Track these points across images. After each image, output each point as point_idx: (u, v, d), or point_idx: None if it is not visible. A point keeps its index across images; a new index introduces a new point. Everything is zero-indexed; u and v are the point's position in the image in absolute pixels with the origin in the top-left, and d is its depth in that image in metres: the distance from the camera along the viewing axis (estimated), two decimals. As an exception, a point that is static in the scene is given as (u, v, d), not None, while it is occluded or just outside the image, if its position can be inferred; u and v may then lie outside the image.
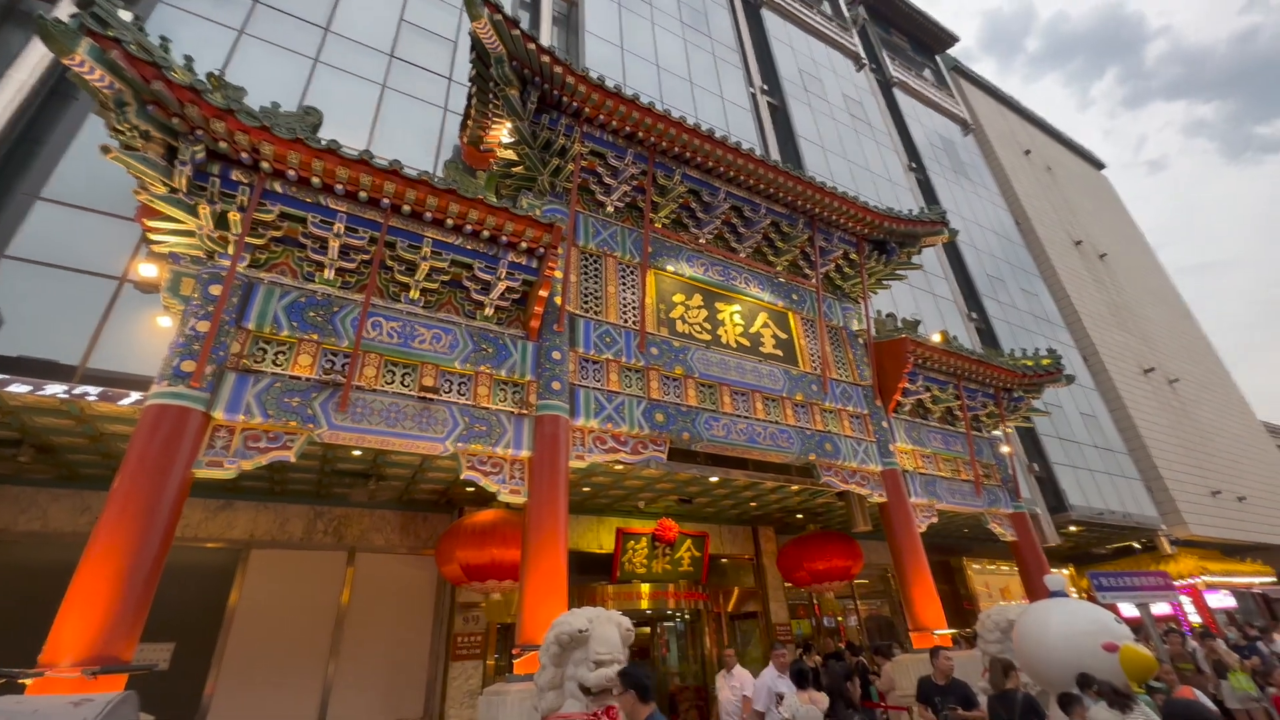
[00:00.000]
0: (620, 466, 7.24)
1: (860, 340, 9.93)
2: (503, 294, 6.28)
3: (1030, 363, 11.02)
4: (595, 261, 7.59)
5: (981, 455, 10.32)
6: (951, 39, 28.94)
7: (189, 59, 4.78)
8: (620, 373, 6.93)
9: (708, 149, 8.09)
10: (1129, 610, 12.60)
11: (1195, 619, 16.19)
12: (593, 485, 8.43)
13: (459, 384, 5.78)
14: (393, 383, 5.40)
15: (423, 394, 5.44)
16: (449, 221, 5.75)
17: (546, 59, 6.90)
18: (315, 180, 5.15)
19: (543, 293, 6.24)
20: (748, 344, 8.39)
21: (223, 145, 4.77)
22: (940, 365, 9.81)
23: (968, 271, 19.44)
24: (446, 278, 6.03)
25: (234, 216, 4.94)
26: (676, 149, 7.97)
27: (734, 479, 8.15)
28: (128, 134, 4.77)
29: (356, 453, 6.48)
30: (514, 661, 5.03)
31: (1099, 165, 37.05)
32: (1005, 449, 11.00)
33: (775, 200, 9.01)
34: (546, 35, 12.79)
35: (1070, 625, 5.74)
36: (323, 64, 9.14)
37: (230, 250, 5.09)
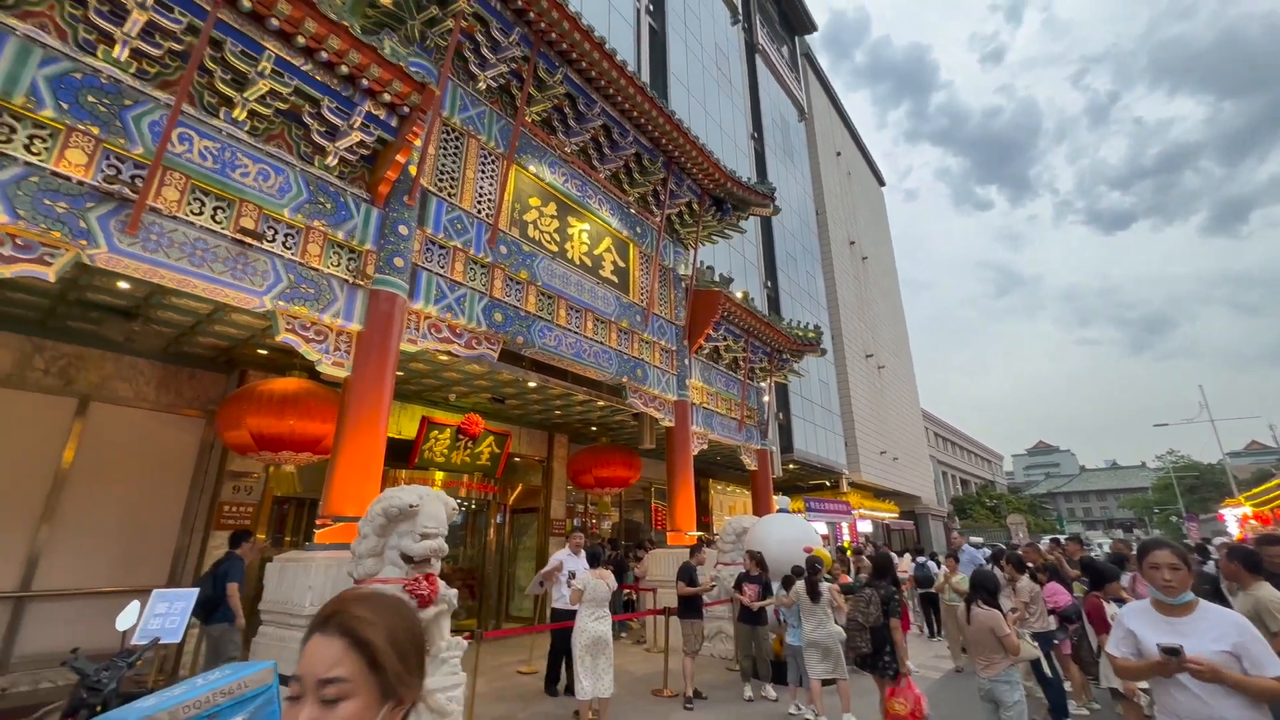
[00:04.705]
0: (445, 357, 7.15)
1: (683, 284, 10.96)
2: (351, 146, 5.56)
3: (801, 333, 13.38)
4: (457, 139, 7.03)
5: (749, 400, 12.43)
6: (812, 25, 31.13)
7: None
8: (466, 264, 6.72)
9: (596, 56, 7.86)
10: (820, 526, 16.76)
11: (847, 538, 22.12)
12: (408, 371, 8.13)
13: (286, 235, 5.08)
14: (201, 214, 4.53)
15: (241, 235, 4.69)
16: (300, 40, 4.84)
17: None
18: (118, -81, 3.88)
19: (399, 157, 5.67)
20: (590, 264, 8.71)
21: None
22: (739, 321, 11.43)
23: (773, 244, 22.19)
24: (284, 106, 5.12)
25: (-24, -76, 3.51)
26: (564, 45, 7.59)
27: (550, 387, 8.63)
28: None
29: (124, 285, 5.30)
30: (316, 531, 4.94)
31: (881, 182, 44.23)
32: (766, 398, 13.38)
33: (643, 131, 9.21)
34: None
35: (785, 534, 7.73)
36: None
37: (-38, -30, 3.62)
